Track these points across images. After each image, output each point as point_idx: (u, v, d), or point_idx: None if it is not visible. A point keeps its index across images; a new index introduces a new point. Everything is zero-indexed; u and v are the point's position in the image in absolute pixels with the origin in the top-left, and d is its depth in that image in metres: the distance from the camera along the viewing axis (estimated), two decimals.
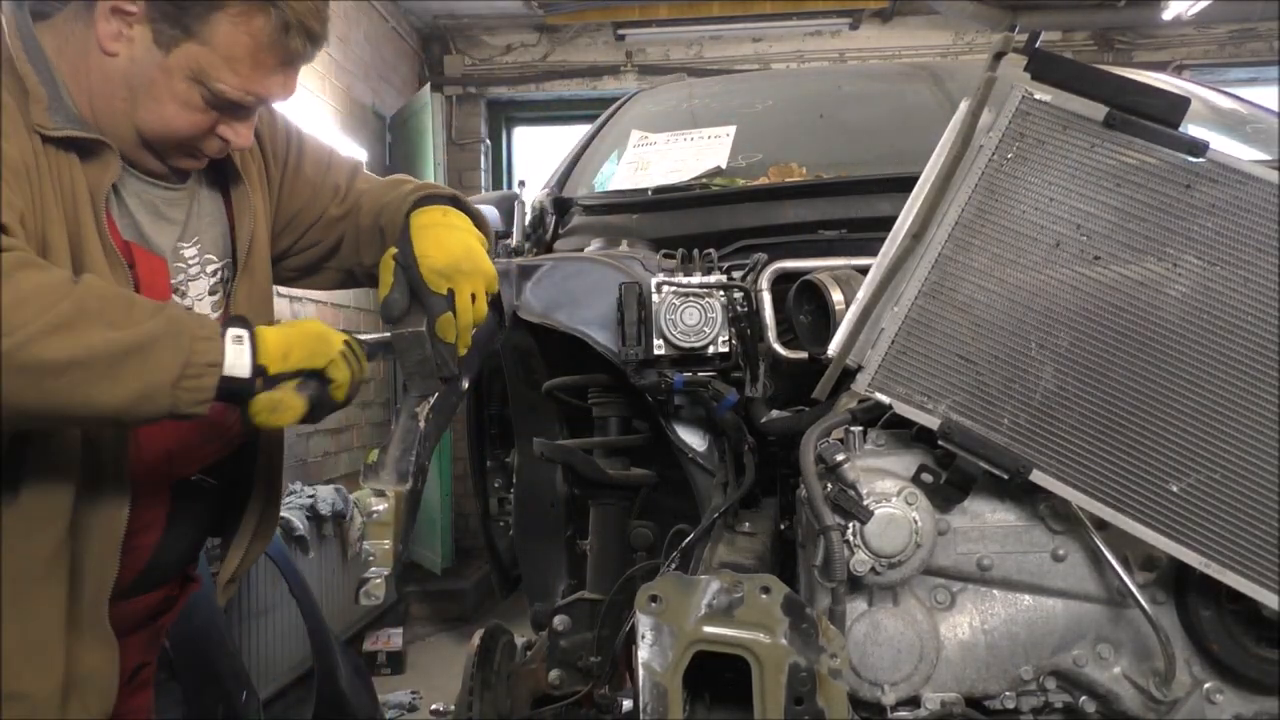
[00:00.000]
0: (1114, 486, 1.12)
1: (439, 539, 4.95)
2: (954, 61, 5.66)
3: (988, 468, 1.14)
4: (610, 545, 1.75)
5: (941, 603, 1.22)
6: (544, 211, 2.15)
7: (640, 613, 1.09)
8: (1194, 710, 1.19)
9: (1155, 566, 1.20)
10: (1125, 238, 1.15)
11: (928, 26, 5.86)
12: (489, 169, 6.12)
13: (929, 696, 1.19)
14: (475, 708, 1.73)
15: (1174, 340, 1.12)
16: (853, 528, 1.15)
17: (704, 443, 1.59)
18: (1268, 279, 1.11)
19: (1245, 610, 1.16)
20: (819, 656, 1.07)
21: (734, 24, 5.77)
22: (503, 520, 2.39)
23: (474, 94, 6.05)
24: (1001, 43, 1.20)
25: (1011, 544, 1.21)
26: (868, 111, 2.45)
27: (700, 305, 1.51)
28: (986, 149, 1.18)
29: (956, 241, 1.18)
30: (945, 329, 1.17)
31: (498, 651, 1.82)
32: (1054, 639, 1.21)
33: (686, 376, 1.51)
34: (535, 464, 1.89)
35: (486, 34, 6.01)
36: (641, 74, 5.89)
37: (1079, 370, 1.14)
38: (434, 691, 3.81)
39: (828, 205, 1.81)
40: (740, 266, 1.60)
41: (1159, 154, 1.16)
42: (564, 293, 1.67)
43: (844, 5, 5.67)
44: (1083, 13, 5.33)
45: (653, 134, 2.27)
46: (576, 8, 5.66)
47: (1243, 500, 1.10)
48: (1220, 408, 1.11)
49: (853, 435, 1.24)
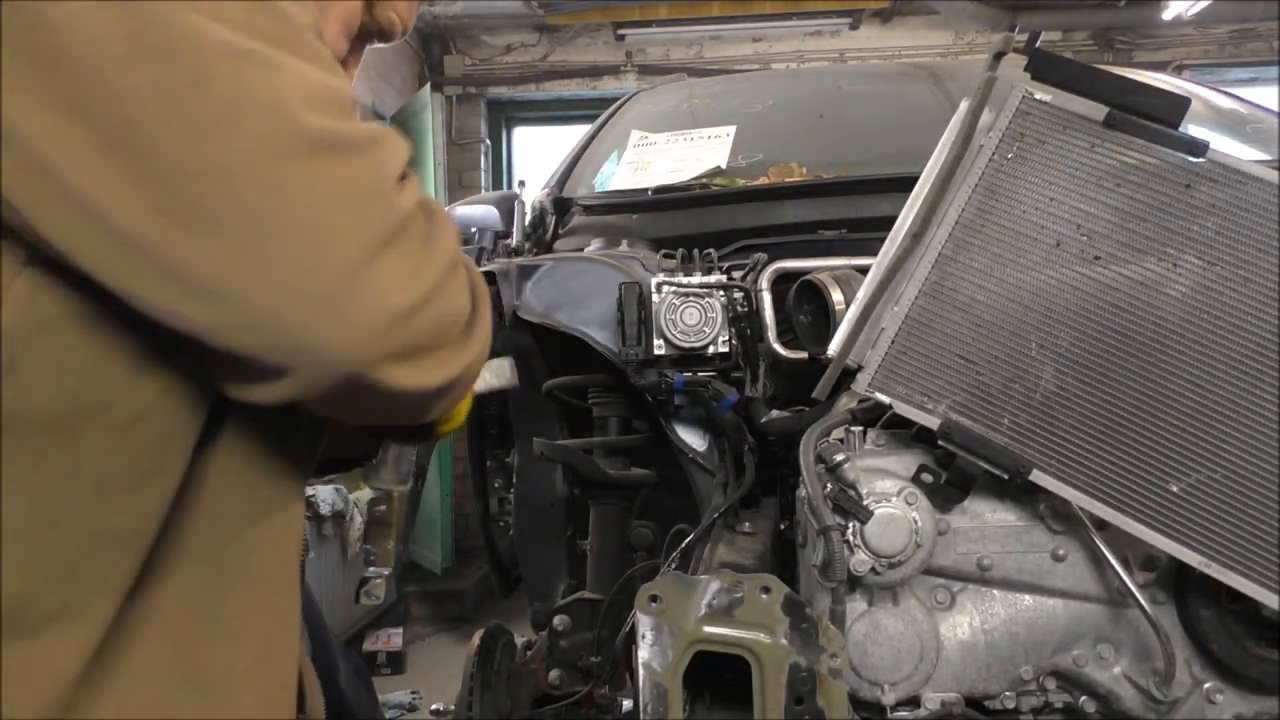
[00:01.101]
0: (1114, 486, 1.12)
1: (439, 539, 4.95)
2: (954, 61, 5.67)
3: (988, 468, 1.14)
4: (610, 545, 1.75)
5: (941, 603, 1.22)
6: (544, 211, 2.15)
7: (640, 613, 1.09)
8: (1194, 710, 1.19)
9: (1155, 566, 1.20)
10: (1125, 238, 1.15)
11: (928, 26, 5.86)
12: (489, 169, 6.13)
13: (929, 696, 1.19)
14: (475, 708, 1.73)
15: (1174, 340, 1.12)
16: (853, 528, 1.15)
17: (704, 443, 1.59)
18: (1268, 279, 1.11)
19: (1245, 610, 1.16)
20: (819, 656, 1.07)
21: (734, 24, 5.77)
22: (503, 520, 2.39)
23: (474, 94, 6.05)
24: (1001, 43, 1.20)
25: (1011, 544, 1.21)
26: (868, 111, 2.45)
27: (700, 305, 1.52)
28: (986, 149, 1.18)
29: (956, 241, 1.18)
30: (945, 329, 1.17)
31: (498, 651, 1.82)
32: (1054, 639, 1.21)
33: (686, 376, 1.52)
34: (535, 464, 1.89)
35: (486, 34, 6.01)
36: (641, 74, 5.89)
37: (1079, 370, 1.14)
38: (434, 691, 3.81)
39: (828, 205, 1.81)
40: (740, 266, 1.60)
41: (1159, 154, 1.16)
42: (564, 293, 1.67)
43: (844, 5, 5.67)
44: (1083, 13, 5.34)
45: (653, 134, 2.27)
46: (576, 8, 5.66)
47: (1243, 500, 1.10)
48: (1220, 408, 1.11)
49: (853, 435, 1.24)
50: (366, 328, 0.64)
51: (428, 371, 0.70)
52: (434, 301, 0.68)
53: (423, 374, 0.70)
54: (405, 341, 0.67)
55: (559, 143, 4.80)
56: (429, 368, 0.70)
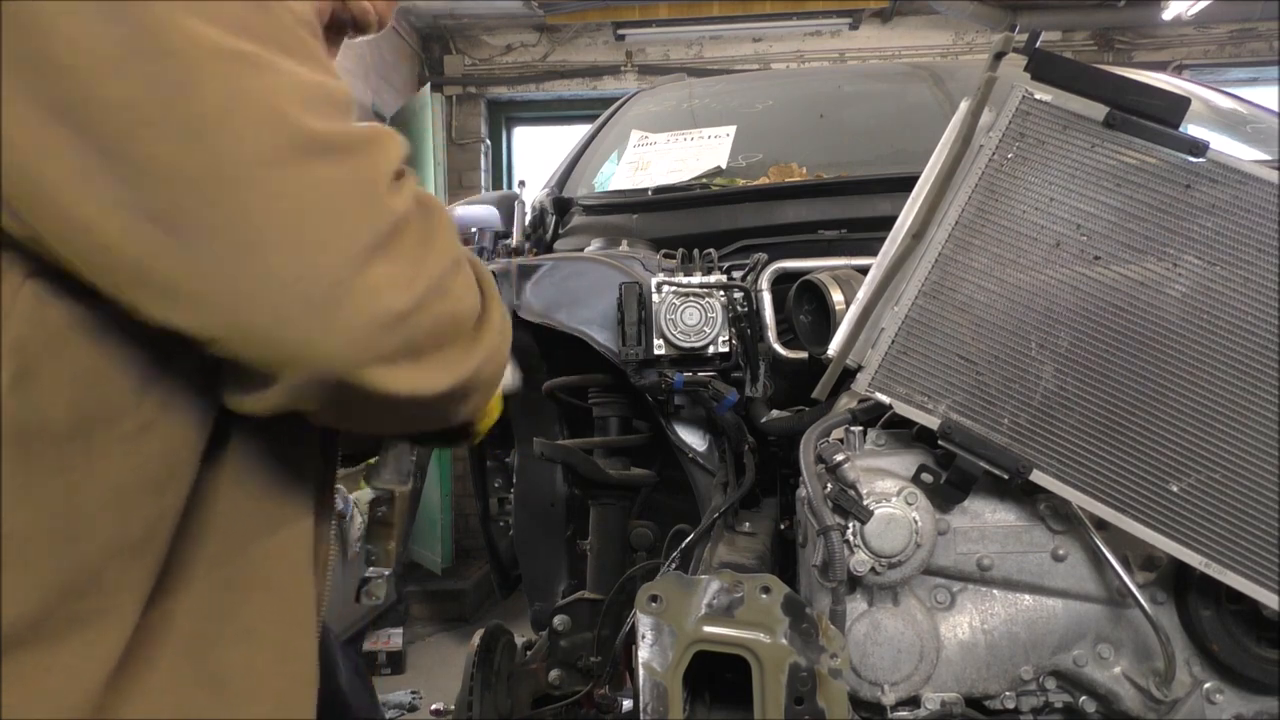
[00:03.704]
0: (1114, 486, 1.12)
1: (439, 539, 4.95)
2: (954, 61, 5.67)
3: (988, 468, 1.14)
4: (610, 545, 1.75)
5: (941, 603, 1.22)
6: (544, 211, 2.15)
7: (640, 613, 1.09)
8: (1194, 710, 1.19)
9: (1155, 566, 1.20)
10: (1125, 238, 1.15)
11: (928, 26, 5.86)
12: (489, 169, 6.13)
13: (929, 696, 1.19)
14: (475, 708, 1.73)
15: (1174, 340, 1.12)
16: (853, 528, 1.15)
17: (704, 443, 1.59)
18: (1268, 279, 1.11)
19: (1245, 610, 1.16)
20: (819, 656, 1.07)
21: (734, 24, 5.77)
22: (503, 520, 2.39)
23: (474, 94, 6.05)
24: (1001, 43, 1.20)
25: (1011, 544, 1.21)
26: (868, 111, 2.45)
27: (700, 305, 1.52)
28: (986, 149, 1.18)
29: (956, 241, 1.18)
30: (945, 329, 1.17)
31: (498, 651, 1.82)
32: (1054, 639, 1.21)
33: (686, 376, 1.52)
34: (535, 464, 1.89)
35: (486, 34, 6.01)
36: (641, 74, 5.89)
37: (1079, 370, 1.14)
38: (434, 691, 3.81)
39: (828, 205, 1.81)
40: (740, 266, 1.60)
41: (1159, 154, 1.16)
42: (564, 293, 1.67)
43: (844, 5, 5.67)
44: (1083, 13, 5.34)
45: (653, 134, 2.27)
46: (576, 8, 5.66)
47: (1243, 500, 1.10)
48: (1220, 408, 1.11)
49: (853, 435, 1.24)
50: (356, 331, 0.63)
51: (432, 374, 0.70)
52: (433, 302, 0.68)
53: (427, 376, 0.69)
54: (401, 344, 0.66)
55: (559, 143, 4.80)
56: (433, 370, 0.70)
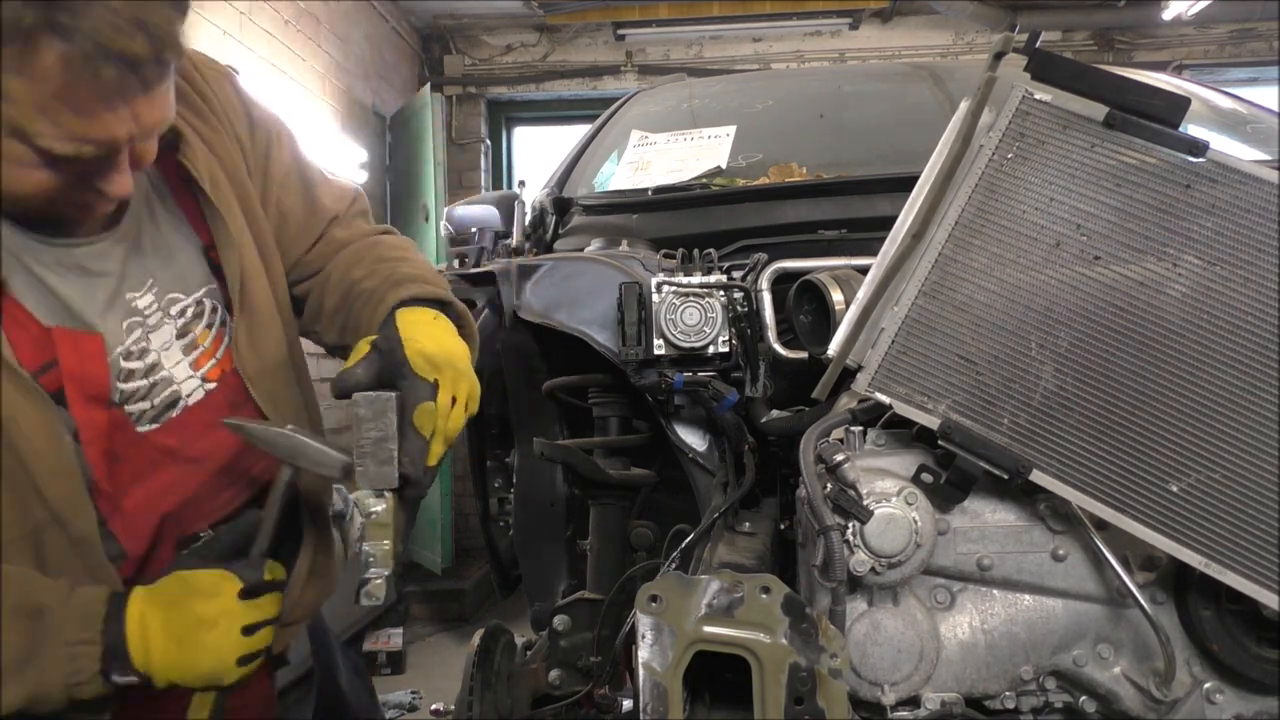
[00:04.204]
0: (1114, 486, 1.12)
1: (439, 539, 4.95)
2: (954, 61, 5.67)
3: (988, 468, 1.14)
4: (610, 545, 1.75)
5: (941, 603, 1.22)
6: (544, 211, 2.15)
7: (640, 613, 1.09)
8: (1194, 710, 1.19)
9: (1155, 566, 1.20)
10: (1125, 238, 1.15)
11: (928, 26, 5.86)
12: (489, 169, 6.13)
13: (929, 696, 1.19)
14: (475, 708, 1.73)
15: (1174, 340, 1.12)
16: (853, 528, 1.15)
17: (704, 443, 1.59)
18: (1268, 279, 1.11)
19: (1245, 610, 1.16)
20: (819, 656, 1.07)
21: (734, 24, 5.78)
22: (503, 520, 2.39)
23: (474, 94, 6.05)
24: (1001, 43, 1.20)
25: (1011, 544, 1.21)
26: (868, 111, 2.45)
27: (700, 305, 1.51)
28: (986, 149, 1.18)
29: (956, 241, 1.18)
30: (945, 329, 1.17)
31: (498, 651, 1.82)
32: (1054, 639, 1.21)
33: (686, 376, 1.52)
34: (535, 464, 1.89)
35: (486, 34, 6.01)
36: (641, 74, 5.90)
37: (1079, 370, 1.14)
38: (434, 691, 3.81)
39: (828, 205, 1.81)
40: (740, 266, 1.60)
41: (1159, 154, 1.16)
42: (564, 293, 1.67)
43: (844, 5, 5.67)
44: (1083, 13, 5.33)
45: (653, 134, 2.27)
46: (576, 8, 5.66)
47: (1243, 500, 1.10)
48: (1220, 408, 1.11)
49: (853, 435, 1.24)
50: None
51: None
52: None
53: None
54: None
55: (559, 143, 4.80)
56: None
